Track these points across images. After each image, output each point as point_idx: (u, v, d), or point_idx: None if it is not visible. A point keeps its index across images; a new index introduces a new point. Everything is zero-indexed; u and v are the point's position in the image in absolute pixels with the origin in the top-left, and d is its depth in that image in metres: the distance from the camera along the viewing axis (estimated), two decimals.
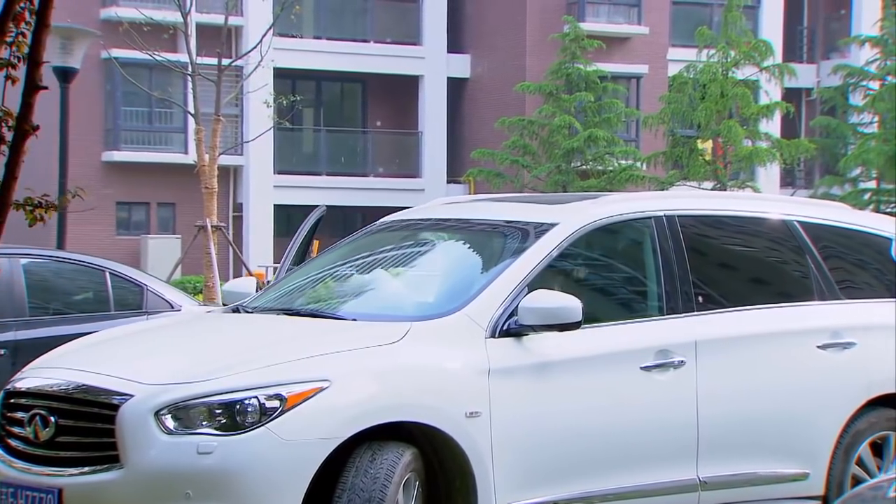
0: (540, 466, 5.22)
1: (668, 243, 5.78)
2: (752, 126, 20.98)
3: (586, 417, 5.33)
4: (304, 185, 26.87)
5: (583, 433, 5.32)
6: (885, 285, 6.48)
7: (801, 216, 6.33)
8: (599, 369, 5.39)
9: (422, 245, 6.08)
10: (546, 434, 5.22)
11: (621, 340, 5.51)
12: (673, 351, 5.56)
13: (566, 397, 5.28)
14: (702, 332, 5.68)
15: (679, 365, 5.57)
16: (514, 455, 5.13)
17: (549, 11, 26.11)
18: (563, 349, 5.30)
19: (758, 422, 5.81)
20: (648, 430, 5.50)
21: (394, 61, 27.64)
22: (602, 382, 5.38)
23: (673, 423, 5.55)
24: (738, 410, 5.74)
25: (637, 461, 5.47)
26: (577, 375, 5.32)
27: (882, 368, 6.15)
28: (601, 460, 5.38)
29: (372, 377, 4.88)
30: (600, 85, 22.96)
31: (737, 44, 20.59)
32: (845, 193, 20.15)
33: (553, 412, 5.24)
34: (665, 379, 5.53)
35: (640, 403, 5.49)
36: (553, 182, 22.21)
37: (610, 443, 5.39)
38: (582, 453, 5.33)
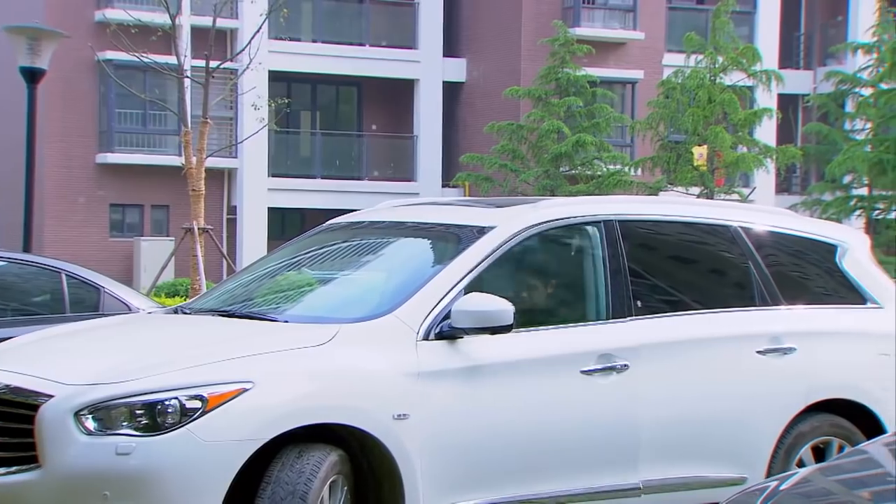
0: (471, 470, 5.23)
1: (608, 248, 5.79)
2: (741, 132, 20.97)
3: (522, 421, 5.33)
4: (299, 188, 26.92)
5: (518, 437, 5.32)
6: (829, 291, 6.50)
7: (744, 222, 6.34)
8: (538, 373, 5.39)
9: (361, 247, 6.11)
10: (478, 437, 5.23)
11: (561, 344, 5.51)
12: (615, 355, 5.57)
13: (501, 401, 5.29)
14: (643, 336, 5.69)
15: (622, 369, 5.58)
16: (443, 458, 5.14)
17: (545, 16, 26.14)
18: (501, 352, 5.31)
19: (698, 426, 5.82)
20: (588, 434, 5.51)
21: (389, 65, 27.69)
22: (540, 386, 5.39)
23: (613, 427, 5.56)
24: (678, 415, 5.76)
25: (576, 465, 5.48)
26: (513, 379, 5.33)
27: (822, 374, 6.17)
28: (538, 464, 5.38)
29: (297, 379, 4.90)
30: (590, 90, 22.97)
31: (725, 50, 20.59)
32: (833, 199, 20.13)
33: (486, 416, 5.25)
34: (607, 383, 5.55)
35: (580, 407, 5.50)
36: (541, 187, 22.23)
37: (547, 447, 5.39)
38: (517, 457, 5.33)
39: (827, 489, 3.53)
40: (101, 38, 21.37)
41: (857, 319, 6.38)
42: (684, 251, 6.34)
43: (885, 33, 21.47)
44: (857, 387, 6.23)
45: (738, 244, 6.24)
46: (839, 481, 3.57)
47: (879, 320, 6.42)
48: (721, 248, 6.28)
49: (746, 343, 6.02)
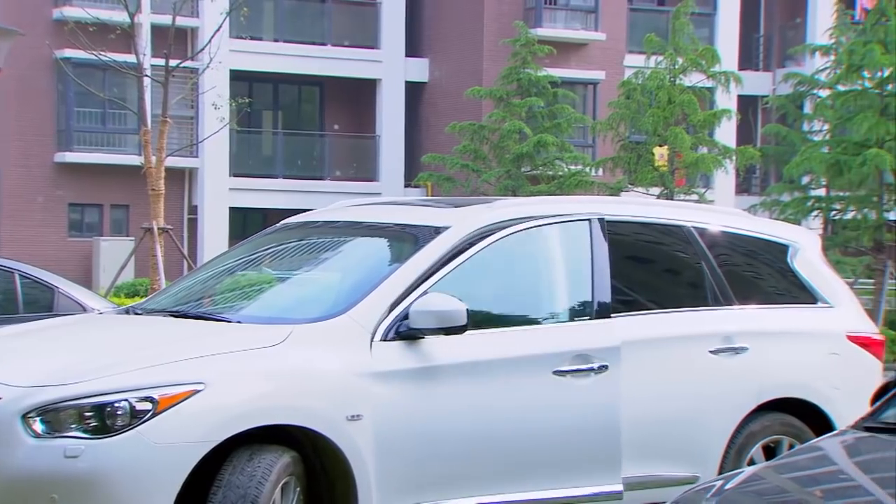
0: (428, 471, 5.21)
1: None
2: (700, 133, 21.09)
3: (480, 422, 5.31)
4: (261, 188, 26.82)
5: (477, 438, 5.29)
6: (781, 291, 6.55)
7: (697, 222, 6.37)
8: (499, 373, 5.36)
9: (315, 247, 6.09)
10: (435, 439, 5.21)
11: (521, 345, 5.48)
12: (592, 355, 5.53)
13: (460, 402, 5.27)
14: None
15: (601, 370, 5.54)
16: (398, 459, 5.13)
17: (507, 17, 26.18)
18: (460, 353, 5.29)
19: (653, 426, 5.84)
20: (555, 436, 5.48)
21: (352, 65, 27.64)
22: (502, 387, 5.36)
23: (580, 429, 5.53)
24: (632, 415, 5.77)
25: (537, 468, 5.45)
26: (473, 380, 5.32)
27: (773, 373, 6.22)
28: (498, 467, 5.35)
29: (249, 380, 4.88)
30: (551, 90, 23.03)
31: (684, 51, 20.71)
32: (791, 200, 20.28)
33: (444, 417, 5.23)
34: (582, 384, 5.51)
35: (546, 409, 5.45)
36: (503, 187, 22.26)
37: (507, 449, 5.36)
38: (475, 459, 5.30)
39: (772, 486, 3.57)
40: (58, 36, 21.17)
41: (808, 319, 6.44)
42: (639, 251, 6.37)
43: (843, 35, 21.66)
44: (807, 386, 6.29)
45: (691, 244, 6.27)
46: (784, 478, 3.61)
47: (830, 320, 6.48)
48: (675, 248, 6.32)
49: (699, 343, 6.06)
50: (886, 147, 18.70)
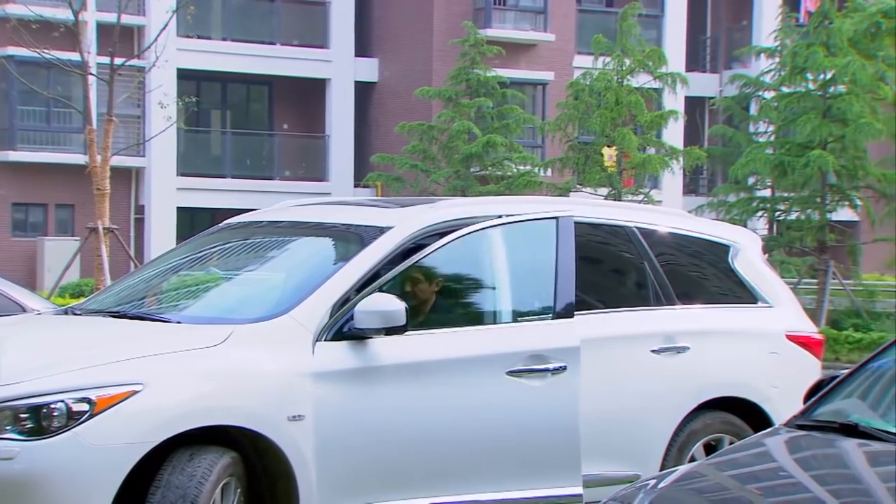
0: (372, 472, 5.19)
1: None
2: (648, 134, 21.25)
3: (427, 423, 5.29)
4: (209, 187, 26.64)
5: (423, 439, 5.27)
6: (722, 291, 6.62)
7: (640, 222, 6.41)
8: (444, 373, 5.34)
9: (258, 247, 6.07)
10: (380, 439, 5.19)
11: (458, 345, 5.46)
12: (523, 356, 5.50)
13: (405, 402, 5.25)
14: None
15: (558, 371, 5.51)
16: (341, 460, 5.11)
17: (456, 17, 26.21)
18: (403, 353, 5.28)
19: (596, 425, 5.85)
20: (501, 437, 5.44)
21: (301, 64, 27.54)
22: (447, 386, 5.34)
23: (525, 430, 5.51)
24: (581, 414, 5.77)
25: (491, 470, 5.42)
26: (417, 380, 5.30)
27: (714, 372, 6.27)
28: (446, 468, 5.33)
29: (189, 381, 4.85)
30: (500, 91, 23.10)
31: (632, 52, 20.86)
32: (736, 200, 20.48)
33: (389, 417, 5.22)
34: (523, 385, 5.48)
35: (488, 409, 5.42)
36: (452, 187, 22.29)
37: (456, 451, 5.34)
38: (422, 460, 5.28)
39: (704, 483, 3.60)
40: (1, 33, 20.91)
41: (749, 319, 6.50)
42: (582, 251, 6.38)
43: (787, 38, 21.92)
44: (747, 385, 6.35)
45: (634, 244, 6.31)
46: (715, 476, 3.64)
47: (770, 319, 6.55)
48: (618, 248, 6.35)
49: (642, 342, 6.10)
50: (829, 149, 18.96)
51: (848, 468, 3.61)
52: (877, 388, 3.98)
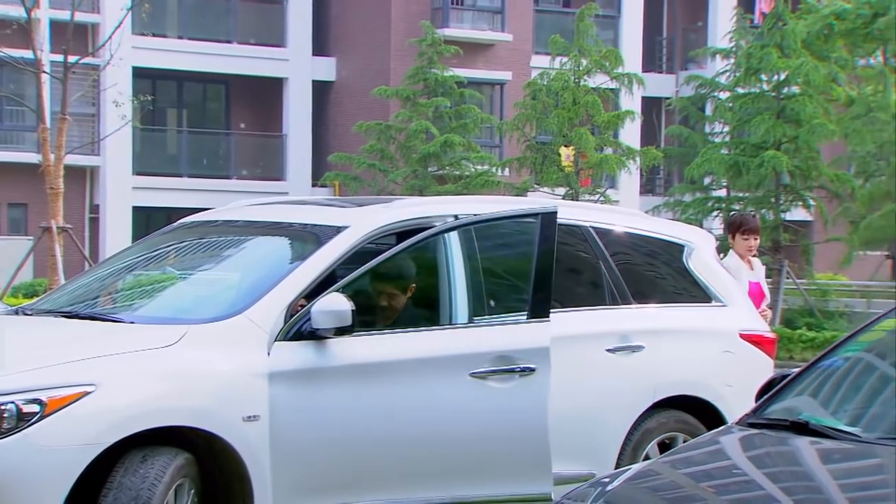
0: (328, 473, 5.17)
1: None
2: (605, 134, 21.36)
3: (384, 424, 5.25)
4: (165, 186, 26.46)
5: (381, 440, 5.24)
6: (676, 290, 6.66)
7: (595, 222, 6.43)
8: (400, 375, 5.31)
9: (213, 247, 6.02)
10: (336, 440, 5.16)
11: (418, 346, 5.41)
12: (487, 358, 5.46)
13: (362, 403, 5.22)
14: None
15: (526, 372, 5.47)
16: (297, 460, 5.09)
17: (414, 16, 26.20)
18: (360, 353, 5.25)
19: (551, 424, 5.86)
20: (463, 439, 5.41)
21: (258, 63, 27.42)
22: (404, 388, 5.31)
23: (489, 432, 5.46)
24: None
25: (452, 472, 5.40)
26: (374, 380, 5.26)
27: (669, 371, 6.31)
28: (405, 469, 5.30)
29: (142, 381, 4.81)
30: (458, 90, 23.12)
31: (588, 52, 20.95)
32: (692, 200, 20.65)
33: (345, 418, 5.18)
34: (487, 387, 5.45)
35: (449, 411, 5.38)
36: (410, 186, 22.29)
37: (414, 452, 5.31)
38: (379, 461, 5.25)
39: (657, 482, 3.62)
40: None
41: (703, 318, 6.54)
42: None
43: (742, 39, 22.13)
44: (701, 383, 6.39)
45: (589, 244, 6.33)
46: (668, 474, 3.67)
47: (723, 318, 6.59)
48: (573, 247, 6.36)
49: (597, 341, 6.11)
50: (783, 149, 19.16)
51: (798, 466, 3.65)
52: (827, 387, 4.02)
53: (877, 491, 3.42)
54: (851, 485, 3.46)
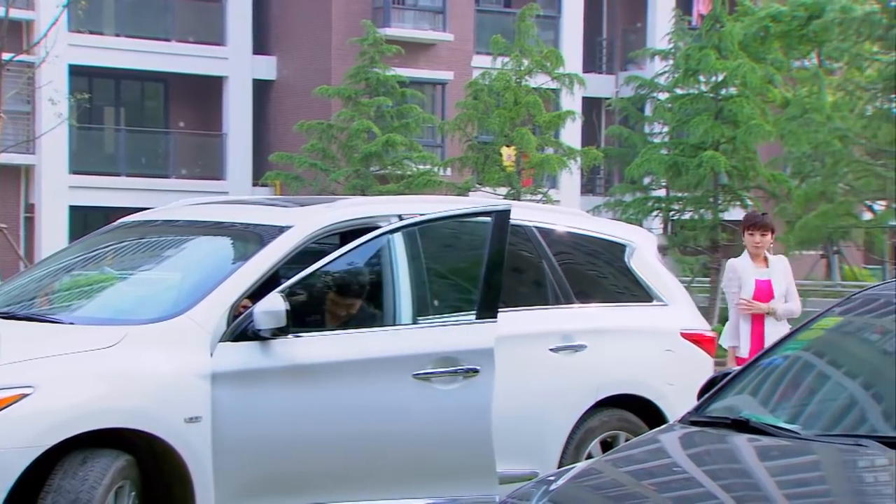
0: (270, 474, 5.14)
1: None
2: (546, 134, 21.47)
3: (327, 425, 5.23)
4: (103, 185, 26.13)
5: (324, 442, 5.22)
6: (619, 290, 6.71)
7: (539, 222, 6.46)
8: (343, 375, 5.28)
9: (154, 247, 5.96)
10: (279, 441, 5.13)
11: (362, 347, 5.38)
12: (431, 359, 5.44)
13: (304, 404, 5.19)
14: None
15: (471, 373, 5.46)
16: (239, 462, 5.06)
17: (355, 15, 26.13)
18: (304, 354, 5.22)
19: (494, 423, 5.87)
20: (406, 440, 5.39)
21: (197, 61, 27.18)
22: (347, 389, 5.28)
23: (433, 433, 5.45)
24: None
25: (396, 473, 5.38)
26: (318, 381, 5.24)
27: (611, 370, 6.36)
28: (348, 471, 5.27)
29: (81, 383, 4.76)
30: (399, 90, 23.11)
31: (530, 53, 21.05)
32: (632, 200, 20.83)
33: (288, 418, 5.16)
34: (430, 388, 5.42)
35: (391, 412, 5.35)
36: (352, 186, 22.23)
37: (357, 453, 5.28)
38: (322, 463, 5.23)
39: (601, 480, 3.65)
40: None
41: (644, 317, 6.60)
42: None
43: (680, 41, 22.36)
44: (643, 382, 6.45)
45: (532, 244, 6.36)
46: (612, 472, 3.70)
47: (665, 318, 6.66)
48: (517, 247, 6.37)
49: (540, 341, 6.14)
50: (721, 150, 19.38)
51: (739, 463, 3.69)
52: (767, 385, 4.07)
53: (815, 487, 3.48)
54: (790, 481, 3.51)
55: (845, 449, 3.53)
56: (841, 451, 3.53)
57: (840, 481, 3.47)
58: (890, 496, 3.29)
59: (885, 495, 3.32)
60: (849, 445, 3.54)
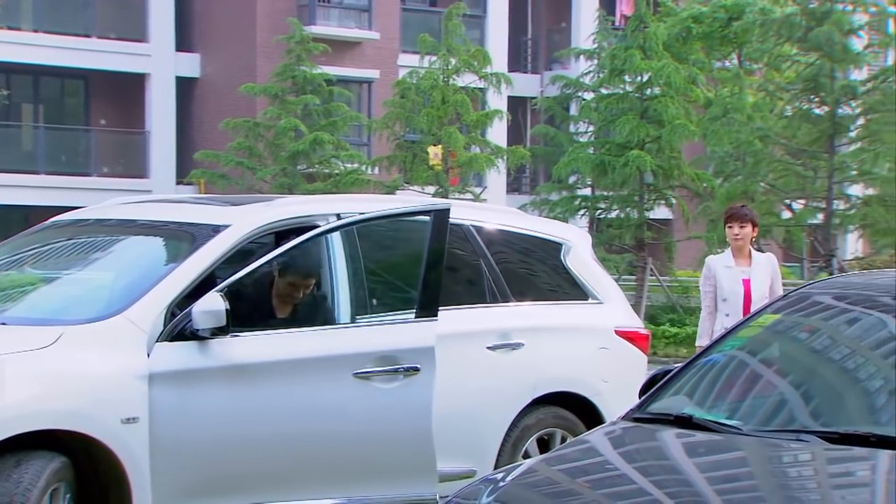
0: (209, 475, 5.10)
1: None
2: (473, 132, 21.54)
3: (266, 425, 5.19)
4: (21, 184, 25.61)
5: (263, 442, 5.18)
6: (555, 288, 6.76)
7: (475, 221, 6.48)
8: (282, 375, 5.24)
9: (90, 246, 5.87)
10: (218, 442, 5.09)
11: (300, 346, 5.35)
12: (371, 358, 5.42)
13: (243, 404, 5.15)
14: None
15: (411, 372, 5.45)
16: (177, 462, 5.00)
17: (280, 13, 25.96)
18: (242, 353, 5.18)
19: (434, 421, 5.87)
20: (347, 439, 5.37)
21: (118, 58, 26.77)
22: (286, 388, 5.24)
23: (374, 432, 5.43)
24: None
25: (337, 472, 5.36)
26: (256, 381, 5.20)
27: (548, 368, 6.40)
28: (288, 471, 5.24)
29: (15, 384, 4.67)
30: (327, 88, 23.01)
31: (457, 52, 21.10)
32: (559, 199, 20.99)
33: (227, 419, 5.12)
34: (371, 387, 5.42)
35: (332, 411, 5.33)
36: (279, 185, 22.08)
37: (297, 453, 5.25)
38: (261, 463, 5.19)
39: (547, 478, 3.67)
40: None
41: (580, 315, 6.66)
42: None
43: (605, 41, 22.59)
44: (579, 380, 6.50)
45: (469, 243, 6.38)
46: (558, 470, 3.72)
47: (600, 316, 6.72)
48: (455, 246, 6.37)
49: (478, 339, 6.17)
50: (647, 149, 19.62)
51: (685, 458, 3.74)
52: (709, 381, 4.13)
53: (758, 481, 3.53)
54: (733, 475, 3.56)
55: (787, 444, 3.59)
56: (783, 446, 3.59)
57: (782, 475, 3.53)
58: (829, 488, 3.36)
59: (824, 487, 3.39)
60: (790, 440, 3.60)
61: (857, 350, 4.00)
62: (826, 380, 3.96)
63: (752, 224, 7.47)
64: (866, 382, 3.86)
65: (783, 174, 20.26)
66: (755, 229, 7.46)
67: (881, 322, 4.01)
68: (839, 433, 3.56)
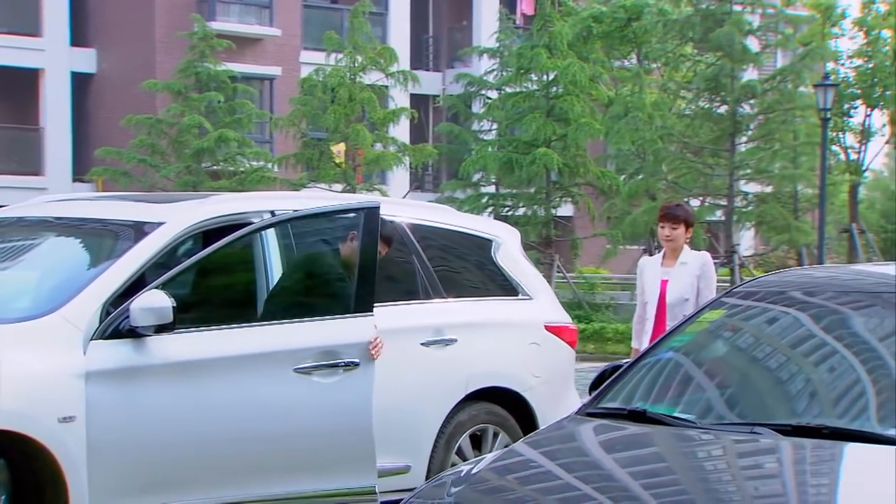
0: (148, 474, 5.03)
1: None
2: (380, 130, 21.52)
3: (206, 422, 5.14)
4: None
5: (202, 439, 5.13)
6: (486, 284, 6.81)
7: (408, 218, 6.50)
8: (221, 372, 5.19)
9: (17, 244, 5.73)
10: (157, 440, 5.04)
11: (238, 343, 5.29)
12: (311, 353, 5.39)
13: (181, 401, 5.09)
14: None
15: (332, 368, 5.42)
16: (115, 461, 4.93)
17: (179, 8, 25.57)
18: (181, 351, 5.12)
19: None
20: (290, 435, 5.33)
21: (11, 52, 26.07)
22: (225, 385, 5.19)
23: (316, 427, 5.40)
24: None
25: (280, 468, 5.32)
26: (196, 378, 5.14)
27: (480, 363, 6.44)
28: (229, 468, 5.20)
29: None
30: (230, 85, 22.75)
31: (363, 49, 21.05)
32: (466, 197, 21.09)
33: (165, 417, 5.06)
34: (312, 382, 5.38)
35: (274, 407, 5.30)
36: (183, 182, 21.76)
37: (238, 449, 5.21)
38: (201, 461, 5.14)
39: (499, 482, 3.67)
40: None
41: (511, 311, 6.72)
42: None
43: (507, 39, 22.76)
44: (511, 375, 6.55)
45: (402, 239, 6.39)
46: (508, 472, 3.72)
47: (529, 311, 6.79)
48: None
49: (412, 335, 6.19)
50: (553, 147, 19.85)
51: (640, 451, 3.80)
52: (659, 376, 4.20)
53: (715, 474, 3.61)
54: (691, 467, 3.63)
55: (741, 436, 3.67)
56: (737, 438, 3.67)
57: (739, 467, 3.61)
58: (785, 477, 3.46)
59: (780, 476, 3.49)
60: (744, 433, 3.68)
61: (804, 345, 4.11)
62: (773, 373, 4.06)
63: (686, 224, 7.08)
64: (815, 376, 3.97)
65: (685, 172, 20.68)
66: (689, 230, 7.08)
67: (832, 317, 4.12)
68: (791, 425, 3.66)
